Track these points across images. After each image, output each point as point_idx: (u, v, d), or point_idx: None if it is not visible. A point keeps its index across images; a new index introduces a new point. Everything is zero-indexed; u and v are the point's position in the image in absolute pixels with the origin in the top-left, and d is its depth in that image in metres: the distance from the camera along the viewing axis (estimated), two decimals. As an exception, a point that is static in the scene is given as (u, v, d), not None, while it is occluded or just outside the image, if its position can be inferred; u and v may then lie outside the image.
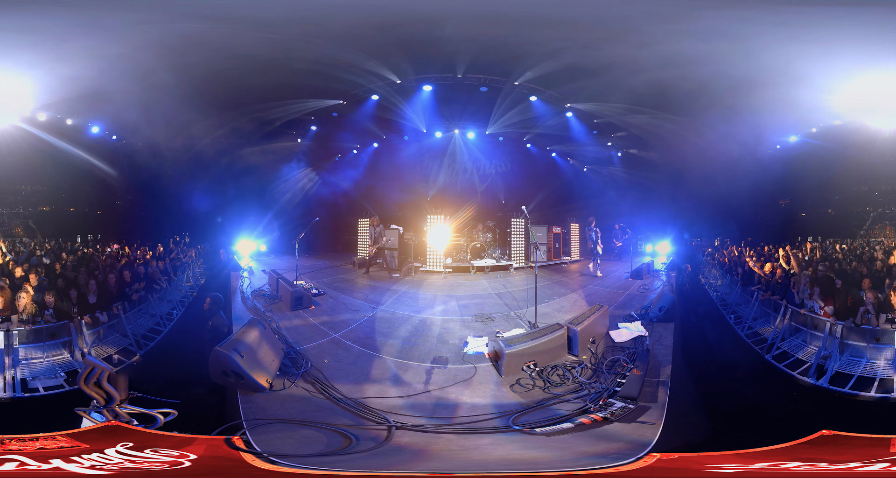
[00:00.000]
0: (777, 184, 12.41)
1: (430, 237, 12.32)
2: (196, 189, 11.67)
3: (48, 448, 4.48)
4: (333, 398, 5.98)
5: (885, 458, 4.29)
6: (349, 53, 9.53)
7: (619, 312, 8.67)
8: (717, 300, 10.52)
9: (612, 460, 4.68)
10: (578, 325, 7.18)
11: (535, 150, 15.13)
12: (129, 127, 10.77)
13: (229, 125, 11.66)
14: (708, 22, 7.42)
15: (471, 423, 5.54)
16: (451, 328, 8.09)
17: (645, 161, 13.74)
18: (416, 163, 14.89)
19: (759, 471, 4.24)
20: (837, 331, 7.09)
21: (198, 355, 6.54)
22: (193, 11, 7.35)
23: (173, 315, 9.19)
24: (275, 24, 7.96)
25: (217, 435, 5.02)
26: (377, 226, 11.70)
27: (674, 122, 11.54)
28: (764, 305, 8.77)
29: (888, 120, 10.04)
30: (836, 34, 7.35)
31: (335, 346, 7.47)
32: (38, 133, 10.24)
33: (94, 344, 7.23)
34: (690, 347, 7.77)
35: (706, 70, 8.75)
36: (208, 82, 9.57)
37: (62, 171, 11.20)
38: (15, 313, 7.01)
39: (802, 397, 6.69)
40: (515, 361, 6.59)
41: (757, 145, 11.63)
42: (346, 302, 9.40)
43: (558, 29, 8.24)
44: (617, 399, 5.81)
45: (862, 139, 10.51)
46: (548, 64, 10.00)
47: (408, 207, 14.28)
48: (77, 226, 12.06)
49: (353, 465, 4.66)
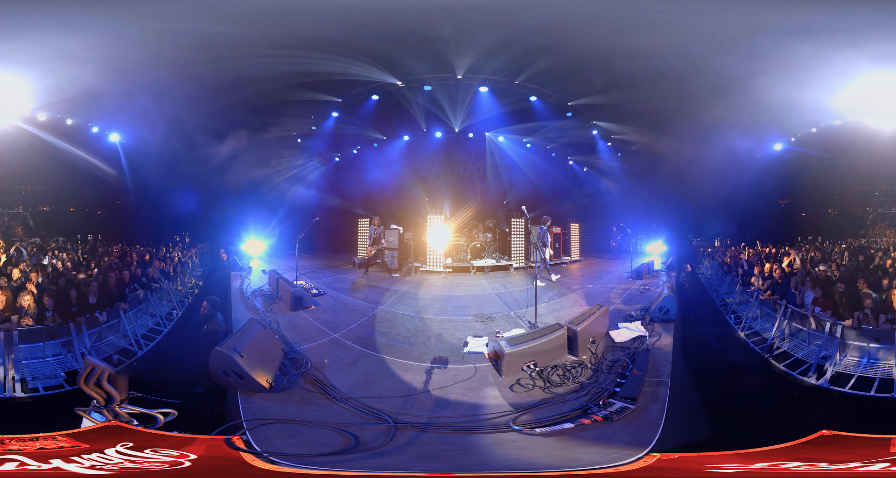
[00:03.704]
0: (777, 184, 12.42)
1: (430, 237, 12.32)
2: (196, 189, 11.67)
3: (48, 448, 4.48)
4: (333, 398, 5.98)
5: (885, 458, 4.28)
6: (349, 54, 9.54)
7: (619, 312, 8.68)
8: (717, 300, 10.53)
9: (612, 460, 4.68)
10: (578, 325, 7.17)
11: (534, 149, 15.14)
12: (129, 127, 10.79)
13: (229, 125, 11.67)
14: (708, 21, 7.42)
15: (471, 423, 5.54)
16: (451, 328, 8.09)
17: (645, 161, 13.74)
18: (416, 163, 14.88)
19: (759, 471, 4.24)
20: (837, 331, 7.09)
21: (195, 359, 6.53)
22: (193, 11, 7.35)
23: (173, 315, 9.20)
24: (275, 26, 7.96)
25: (217, 435, 5.01)
26: (378, 226, 11.61)
27: (674, 122, 11.55)
28: (764, 305, 8.77)
29: (888, 120, 10.04)
30: (836, 34, 7.36)
31: (335, 346, 7.46)
32: (38, 133, 10.25)
33: (94, 344, 7.22)
34: (690, 348, 7.77)
35: (706, 70, 8.75)
36: (208, 82, 9.58)
37: (62, 171, 11.19)
38: (15, 314, 7.01)
39: (802, 397, 6.69)
40: (515, 361, 6.59)
41: (757, 146, 11.65)
42: (346, 302, 9.40)
43: (558, 28, 8.25)
44: (617, 399, 5.81)
45: (862, 139, 10.51)
46: (548, 63, 10.00)
47: (408, 207, 14.28)
48: (77, 226, 12.06)
49: (353, 465, 4.66)
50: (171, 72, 8.85)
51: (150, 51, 8.15)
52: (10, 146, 10.01)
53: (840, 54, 7.76)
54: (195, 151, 11.44)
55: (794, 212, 13.15)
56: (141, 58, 8.29)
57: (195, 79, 9.28)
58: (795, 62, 8.13)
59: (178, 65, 8.67)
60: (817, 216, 12.79)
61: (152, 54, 8.24)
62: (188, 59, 8.54)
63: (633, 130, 13.11)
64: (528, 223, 11.83)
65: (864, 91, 8.88)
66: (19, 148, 10.11)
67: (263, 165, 13.05)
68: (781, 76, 8.59)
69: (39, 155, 10.46)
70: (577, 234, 14.32)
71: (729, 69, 8.62)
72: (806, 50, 7.77)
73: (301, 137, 13.67)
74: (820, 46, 7.65)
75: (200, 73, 9.12)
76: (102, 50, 7.92)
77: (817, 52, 7.80)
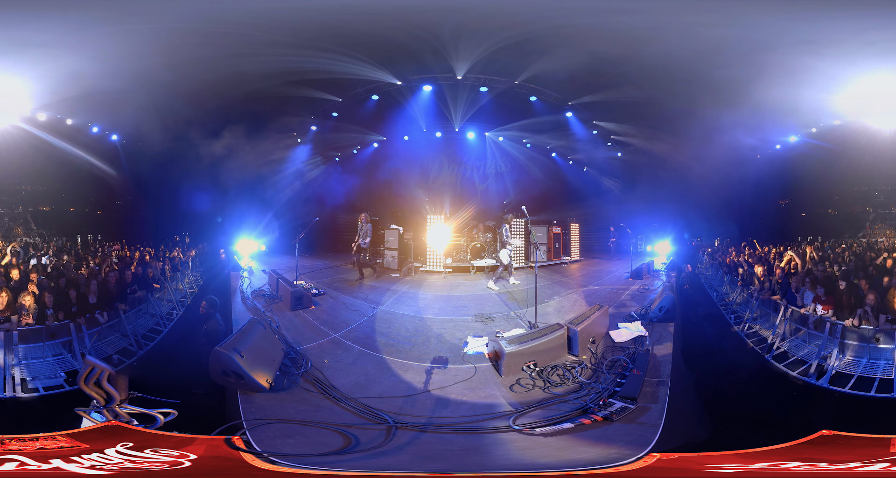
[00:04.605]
0: (777, 184, 12.44)
1: (430, 237, 12.31)
2: (196, 189, 11.67)
3: (48, 448, 4.48)
4: (333, 398, 5.98)
5: (885, 458, 4.28)
6: (350, 54, 9.54)
7: (619, 312, 8.67)
8: (717, 300, 10.52)
9: (612, 460, 4.68)
10: (578, 325, 7.17)
11: (534, 149, 15.14)
12: (129, 127, 10.79)
13: (229, 125, 11.67)
14: (706, 20, 7.42)
15: (471, 423, 5.53)
16: (451, 328, 8.08)
17: (645, 161, 13.74)
18: (416, 163, 14.89)
19: (759, 471, 4.24)
20: (837, 331, 7.09)
21: (195, 359, 6.52)
22: (193, 12, 7.35)
23: (173, 315, 9.19)
24: (276, 26, 7.97)
25: (217, 435, 5.01)
26: (365, 223, 11.02)
27: (674, 122, 11.55)
28: (764, 305, 8.77)
29: (888, 120, 10.04)
30: (836, 34, 7.36)
31: (335, 346, 7.46)
32: (38, 133, 10.25)
33: (94, 344, 7.22)
34: (690, 348, 7.76)
35: (705, 69, 8.75)
36: (208, 82, 9.58)
37: (62, 171, 11.20)
38: (15, 314, 7.01)
39: (802, 397, 6.69)
40: (515, 361, 6.58)
41: (757, 145, 11.65)
42: (346, 302, 9.40)
43: (558, 29, 8.25)
44: (617, 399, 5.80)
45: (862, 139, 10.52)
46: (548, 63, 10.00)
47: (408, 207, 14.27)
48: (77, 226, 12.06)
49: (353, 465, 4.66)
50: (171, 71, 8.85)
51: (150, 50, 8.15)
52: (10, 146, 10.03)
53: (840, 54, 7.77)
54: (195, 150, 11.45)
55: (794, 212, 13.15)
56: (141, 57, 8.29)
57: (195, 78, 9.28)
58: (795, 62, 8.14)
59: (179, 64, 8.67)
60: (817, 216, 12.79)
61: (152, 54, 8.24)
62: (188, 58, 8.55)
63: (633, 130, 13.12)
64: (528, 224, 11.83)
65: (864, 91, 8.88)
66: (19, 148, 10.12)
67: (263, 165, 13.06)
68: (781, 77, 8.59)
69: (39, 155, 10.47)
70: (577, 234, 14.31)
71: (729, 70, 8.63)
72: (806, 50, 7.77)
73: (301, 137, 13.68)
74: (820, 46, 7.65)
75: (200, 73, 9.13)
76: (102, 50, 7.92)
77: (818, 52, 7.80)
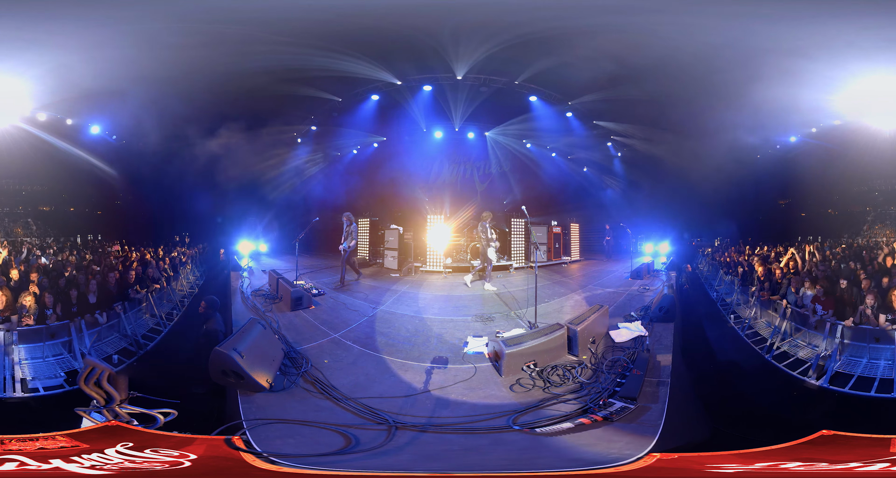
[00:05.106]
0: (777, 184, 12.43)
1: (430, 237, 12.31)
2: (196, 189, 11.66)
3: (48, 448, 4.49)
4: (333, 398, 5.98)
5: (885, 458, 4.29)
6: (349, 54, 9.54)
7: (619, 312, 8.68)
8: (717, 300, 10.52)
9: (612, 460, 4.68)
10: (578, 325, 7.17)
11: (535, 149, 15.14)
12: (129, 127, 10.78)
13: (229, 125, 11.67)
14: (705, 19, 7.42)
15: (471, 423, 5.54)
16: (451, 328, 8.08)
17: (645, 161, 13.74)
18: (415, 163, 14.87)
19: (759, 471, 4.24)
20: (837, 331, 7.09)
21: (195, 359, 6.52)
22: (193, 12, 7.35)
23: (173, 315, 9.20)
24: (275, 25, 7.96)
25: (217, 435, 5.01)
26: (350, 223, 10.47)
27: (674, 122, 11.55)
28: (764, 305, 8.77)
29: (888, 120, 10.03)
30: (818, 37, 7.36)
31: (335, 346, 7.46)
32: (38, 133, 10.24)
33: (94, 344, 7.22)
34: (690, 348, 7.77)
35: (705, 69, 8.75)
36: (208, 82, 9.58)
37: (62, 171, 11.18)
38: (15, 314, 7.01)
39: (802, 397, 6.69)
40: (515, 361, 6.58)
41: (757, 145, 11.65)
42: (346, 302, 9.40)
43: (558, 29, 8.25)
44: (617, 399, 5.80)
45: (862, 139, 10.50)
46: (548, 63, 10.01)
47: (408, 206, 14.26)
48: (77, 226, 12.05)
49: (353, 465, 4.66)
50: (171, 70, 8.85)
51: (150, 50, 8.15)
52: (10, 146, 10.01)
53: (840, 54, 7.76)
54: (195, 150, 11.44)
55: (794, 212, 13.14)
56: (141, 57, 8.29)
57: (196, 78, 9.27)
58: (795, 62, 8.14)
59: (179, 63, 8.67)
60: (817, 216, 12.77)
61: (152, 53, 8.24)
62: (188, 57, 8.54)
63: (633, 129, 13.11)
64: (528, 224, 11.83)
65: (864, 91, 8.88)
66: (19, 148, 10.11)
67: (263, 165, 13.06)
68: (780, 78, 8.59)
69: (39, 155, 10.46)
70: (577, 234, 14.31)
71: (729, 73, 8.63)
72: (806, 50, 7.77)
73: (301, 137, 13.68)
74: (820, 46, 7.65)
75: (201, 72, 9.12)
76: (103, 49, 7.92)
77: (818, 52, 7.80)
